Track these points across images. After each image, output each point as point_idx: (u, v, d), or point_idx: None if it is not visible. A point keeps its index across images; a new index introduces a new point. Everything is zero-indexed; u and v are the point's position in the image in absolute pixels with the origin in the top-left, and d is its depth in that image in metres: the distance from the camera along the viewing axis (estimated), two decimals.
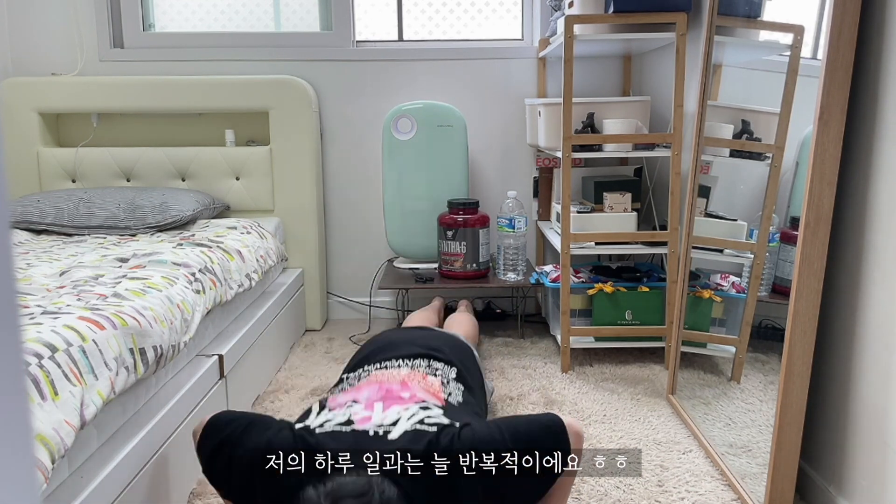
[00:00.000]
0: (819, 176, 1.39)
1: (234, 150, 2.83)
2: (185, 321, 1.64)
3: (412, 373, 1.54)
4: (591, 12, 2.34)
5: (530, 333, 2.84)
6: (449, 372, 1.60)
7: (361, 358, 1.70)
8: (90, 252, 2.04)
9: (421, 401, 1.38)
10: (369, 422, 1.29)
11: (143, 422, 1.45)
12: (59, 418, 1.10)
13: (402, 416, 1.31)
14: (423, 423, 1.29)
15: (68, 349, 1.20)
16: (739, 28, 1.99)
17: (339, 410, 1.36)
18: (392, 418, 1.29)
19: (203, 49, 2.94)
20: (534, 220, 3.04)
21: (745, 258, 1.94)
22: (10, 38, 2.90)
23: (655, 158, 2.65)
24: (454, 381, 1.57)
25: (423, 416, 1.31)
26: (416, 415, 1.32)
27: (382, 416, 1.31)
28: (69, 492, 1.19)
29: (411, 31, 3.07)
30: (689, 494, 1.63)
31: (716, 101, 2.04)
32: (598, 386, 2.27)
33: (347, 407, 1.36)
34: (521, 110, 3.00)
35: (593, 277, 2.53)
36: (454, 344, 1.80)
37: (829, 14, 1.36)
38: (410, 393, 1.42)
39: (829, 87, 1.36)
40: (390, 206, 2.88)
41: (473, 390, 1.62)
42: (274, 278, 2.63)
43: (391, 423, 1.28)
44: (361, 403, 1.37)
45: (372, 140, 2.99)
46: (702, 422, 1.92)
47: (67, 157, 2.80)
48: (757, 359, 1.84)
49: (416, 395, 1.41)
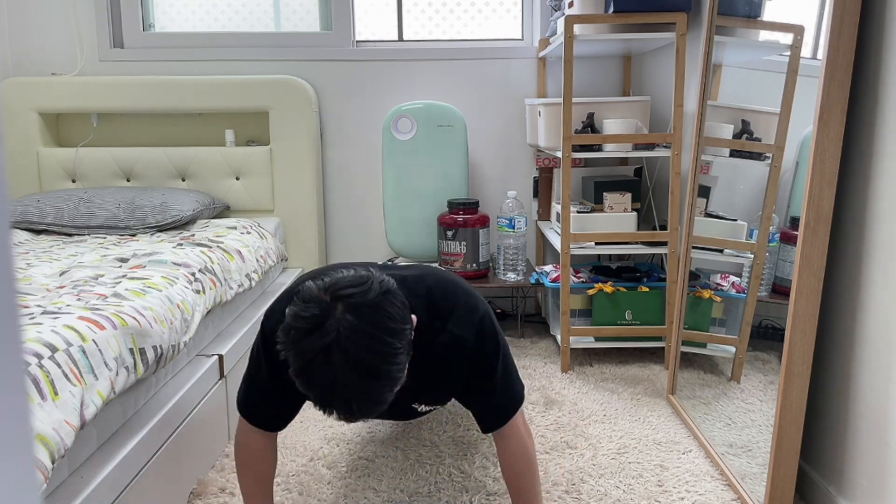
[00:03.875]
0: (819, 176, 1.39)
1: (234, 150, 2.83)
2: (185, 321, 1.64)
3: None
4: (591, 12, 2.34)
5: (530, 333, 2.84)
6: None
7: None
8: (90, 252, 2.04)
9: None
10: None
11: (143, 422, 1.45)
12: (59, 418, 1.10)
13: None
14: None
15: (68, 349, 1.20)
16: (739, 28, 1.99)
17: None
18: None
19: (203, 49, 2.94)
20: (534, 220, 3.04)
21: (745, 258, 1.94)
22: (10, 38, 2.90)
23: (655, 158, 2.65)
24: None
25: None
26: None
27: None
28: (69, 492, 1.19)
29: (411, 31, 3.07)
30: (689, 494, 1.63)
31: (716, 101, 2.04)
32: (598, 386, 2.27)
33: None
34: (521, 110, 2.99)
35: (593, 277, 2.53)
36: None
37: (829, 14, 1.36)
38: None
39: (829, 87, 1.36)
40: (390, 205, 2.88)
41: None
42: (274, 278, 2.63)
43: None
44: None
45: (372, 140, 2.99)
46: (702, 422, 1.92)
47: (67, 157, 2.80)
48: (757, 358, 1.84)
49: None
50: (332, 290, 1.09)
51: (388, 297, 1.10)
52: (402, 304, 1.13)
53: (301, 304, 1.09)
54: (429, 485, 1.67)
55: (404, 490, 1.65)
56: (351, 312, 1.06)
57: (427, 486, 1.67)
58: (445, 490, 1.65)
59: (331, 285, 1.10)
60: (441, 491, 1.65)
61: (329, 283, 1.11)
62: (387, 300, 1.10)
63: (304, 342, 1.05)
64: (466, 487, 1.66)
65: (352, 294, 1.08)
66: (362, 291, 1.09)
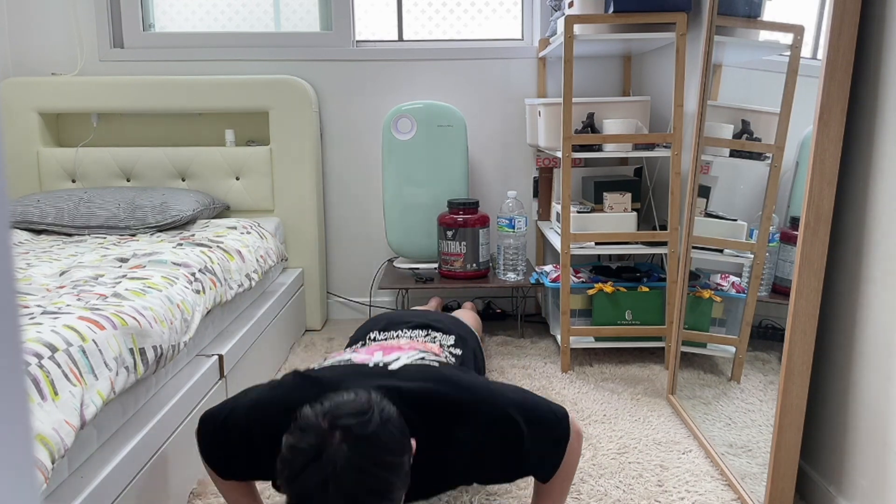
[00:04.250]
0: (819, 176, 1.39)
1: (234, 150, 2.83)
2: (185, 321, 1.64)
3: (411, 341, 1.57)
4: (591, 12, 2.34)
5: (530, 333, 2.84)
6: (447, 339, 1.63)
7: (361, 333, 1.74)
8: (90, 252, 2.04)
9: (421, 350, 1.43)
10: (370, 360, 1.34)
11: (143, 422, 1.45)
12: (59, 418, 1.10)
13: (402, 356, 1.35)
14: (424, 360, 1.33)
15: (68, 349, 1.20)
16: (739, 28, 1.99)
17: (337, 357, 1.40)
18: (393, 357, 1.34)
19: (203, 49, 2.94)
20: (534, 220, 3.04)
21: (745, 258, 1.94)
22: (10, 38, 2.90)
23: (655, 158, 2.65)
24: (452, 346, 1.60)
25: (423, 356, 1.36)
26: (417, 355, 1.36)
27: (382, 357, 1.36)
28: (69, 492, 1.19)
29: (411, 31, 3.07)
30: (689, 494, 1.63)
31: (716, 101, 2.04)
32: (598, 386, 2.27)
33: (347, 355, 1.41)
34: (521, 110, 2.99)
35: (593, 277, 2.53)
36: (455, 321, 1.82)
37: (829, 14, 1.36)
38: (410, 346, 1.46)
39: (829, 87, 1.36)
40: (390, 205, 2.88)
41: (471, 362, 1.66)
42: (274, 278, 2.63)
43: (392, 360, 1.32)
44: (361, 354, 1.41)
45: (372, 140, 2.99)
46: (702, 422, 1.92)
47: (67, 157, 2.80)
48: (757, 358, 1.84)
49: (416, 347, 1.46)
50: (330, 418, 1.05)
51: (387, 428, 1.07)
52: (402, 433, 1.09)
53: (298, 433, 1.06)
54: None
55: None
56: (348, 443, 1.03)
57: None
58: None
59: (330, 411, 1.07)
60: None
61: (328, 408, 1.07)
62: (386, 431, 1.06)
63: (301, 477, 1.03)
64: (466, 488, 1.65)
65: (350, 426, 1.05)
66: (362, 423, 1.05)
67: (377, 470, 1.03)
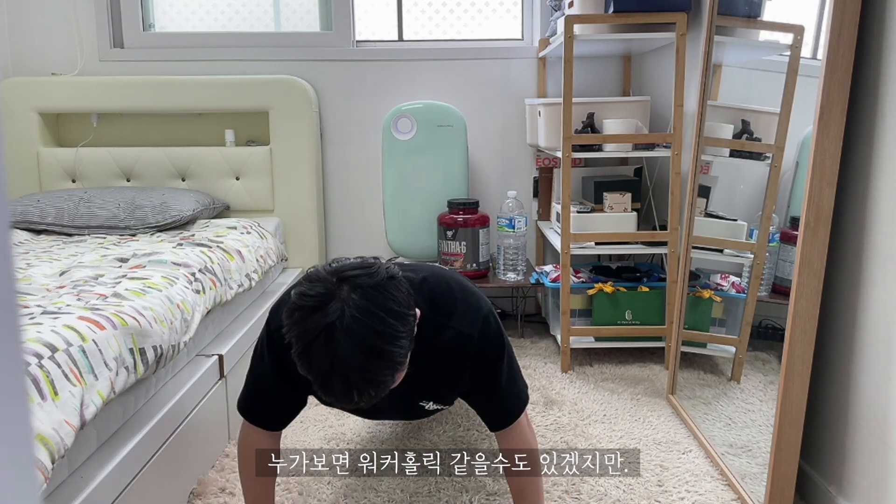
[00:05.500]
0: (819, 176, 1.38)
1: (233, 150, 2.83)
2: (185, 321, 1.64)
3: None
4: (591, 12, 2.34)
5: (530, 333, 2.84)
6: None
7: None
8: (90, 252, 2.04)
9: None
10: None
11: (143, 422, 1.45)
12: (59, 418, 1.10)
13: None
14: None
15: (68, 349, 1.20)
16: (739, 28, 1.99)
17: None
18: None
19: (203, 49, 2.94)
20: (534, 220, 3.04)
21: (745, 258, 1.94)
22: (10, 38, 2.90)
23: (655, 158, 2.65)
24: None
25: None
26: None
27: None
28: (69, 492, 1.19)
29: (411, 31, 3.07)
30: (689, 494, 1.63)
31: (716, 101, 2.04)
32: (598, 386, 2.27)
33: None
34: (521, 110, 2.99)
35: (593, 277, 2.53)
36: None
37: (829, 14, 1.36)
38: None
39: (829, 87, 1.36)
40: (390, 205, 2.88)
41: None
42: (274, 278, 2.63)
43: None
44: None
45: (372, 140, 2.99)
46: (702, 422, 1.92)
47: (67, 157, 2.80)
48: (757, 358, 1.84)
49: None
50: (338, 272, 1.10)
51: (393, 282, 1.12)
52: (407, 292, 1.14)
53: (307, 283, 1.10)
54: (429, 485, 1.67)
55: (404, 490, 1.65)
56: (356, 293, 1.07)
57: (427, 486, 1.67)
58: (445, 490, 1.65)
59: (338, 268, 1.11)
60: (441, 491, 1.65)
61: (336, 266, 1.12)
62: (392, 284, 1.11)
63: (308, 320, 1.06)
64: (466, 487, 1.66)
65: (358, 275, 1.09)
66: (368, 274, 1.10)
67: (383, 314, 1.07)
